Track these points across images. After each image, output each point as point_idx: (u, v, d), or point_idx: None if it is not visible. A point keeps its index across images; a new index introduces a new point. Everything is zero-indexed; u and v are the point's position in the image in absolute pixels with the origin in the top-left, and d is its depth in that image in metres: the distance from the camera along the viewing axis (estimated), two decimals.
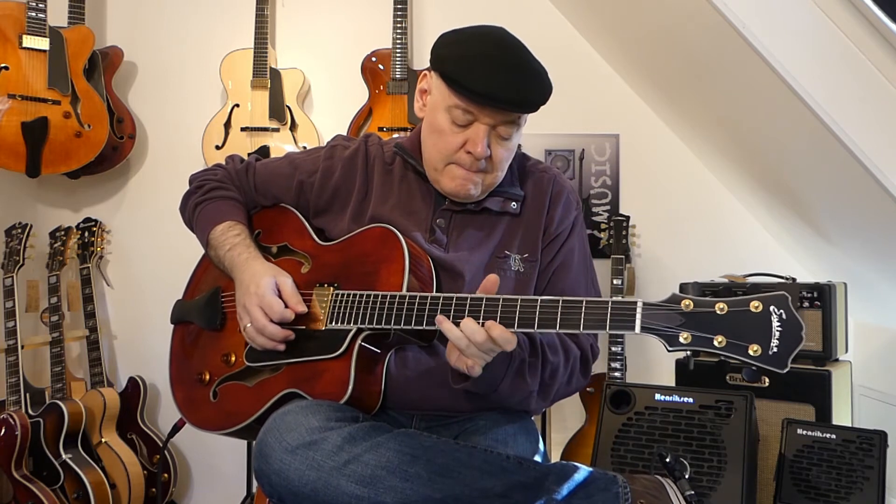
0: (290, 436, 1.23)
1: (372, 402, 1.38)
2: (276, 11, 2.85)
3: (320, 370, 1.36)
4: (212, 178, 1.62)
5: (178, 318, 1.60)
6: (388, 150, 1.55)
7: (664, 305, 1.11)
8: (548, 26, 2.76)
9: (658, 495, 1.34)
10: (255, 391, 1.42)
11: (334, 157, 1.56)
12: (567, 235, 1.51)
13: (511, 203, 1.48)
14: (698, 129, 2.63)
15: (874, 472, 1.74)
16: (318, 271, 1.46)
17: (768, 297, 1.07)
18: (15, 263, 2.51)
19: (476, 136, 1.36)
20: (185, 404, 1.54)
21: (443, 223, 1.47)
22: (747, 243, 2.68)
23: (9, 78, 2.49)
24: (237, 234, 1.52)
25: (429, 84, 1.44)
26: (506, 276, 1.44)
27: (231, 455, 2.70)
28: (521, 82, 1.34)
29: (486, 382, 1.31)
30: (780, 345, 1.04)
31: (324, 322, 1.37)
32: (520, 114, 1.38)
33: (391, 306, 1.30)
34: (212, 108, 2.75)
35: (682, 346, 1.08)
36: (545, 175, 1.54)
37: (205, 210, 1.58)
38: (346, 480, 1.20)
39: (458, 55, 1.35)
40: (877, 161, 1.70)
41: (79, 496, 2.35)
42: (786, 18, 1.72)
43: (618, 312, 1.13)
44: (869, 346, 2.35)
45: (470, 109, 1.35)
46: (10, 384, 2.41)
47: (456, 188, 1.42)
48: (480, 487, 1.22)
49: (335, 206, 1.53)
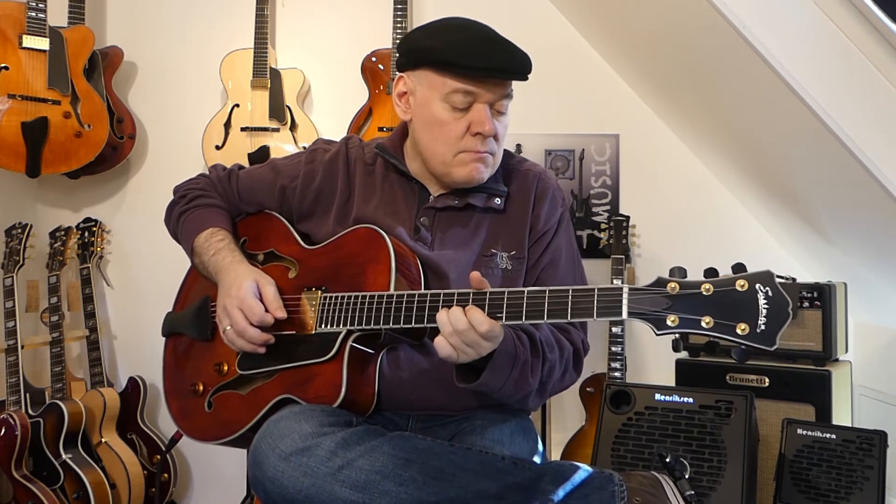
0: (284, 443, 1.23)
1: (366, 403, 1.37)
2: (276, 11, 2.85)
3: (313, 374, 1.35)
4: (194, 186, 1.63)
5: (170, 331, 1.60)
6: (369, 151, 1.56)
7: (650, 290, 1.10)
8: (548, 26, 2.76)
9: (654, 492, 1.34)
10: (249, 399, 1.42)
11: (315, 160, 1.56)
12: (554, 233, 1.51)
13: (495, 199, 1.48)
14: (698, 129, 2.63)
15: (874, 472, 1.74)
16: (306, 276, 1.46)
17: (753, 275, 1.06)
18: (15, 263, 2.51)
19: (480, 115, 1.38)
20: (181, 416, 1.53)
21: (426, 221, 1.47)
22: (747, 243, 2.68)
23: (9, 78, 2.48)
24: (221, 239, 1.52)
25: (409, 85, 1.45)
26: (493, 275, 1.44)
27: (231, 455, 2.69)
28: (510, 52, 1.38)
29: (491, 382, 1.31)
30: (768, 322, 1.04)
31: (314, 326, 1.37)
32: (516, 80, 1.41)
33: (380, 306, 1.30)
34: (212, 108, 2.75)
35: (671, 330, 1.07)
36: (529, 173, 1.54)
37: (188, 219, 1.58)
38: (341, 486, 1.20)
39: (447, 42, 1.38)
40: (877, 161, 1.70)
41: (79, 496, 2.35)
42: (786, 18, 1.72)
43: (604, 299, 1.13)
44: (869, 346, 2.35)
45: (470, 90, 1.37)
46: (10, 384, 2.41)
47: (470, 173, 1.42)
48: (476, 490, 1.22)
49: (318, 210, 1.54)
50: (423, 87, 1.41)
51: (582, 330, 1.49)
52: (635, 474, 1.37)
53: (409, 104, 1.46)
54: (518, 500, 1.23)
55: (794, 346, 2.10)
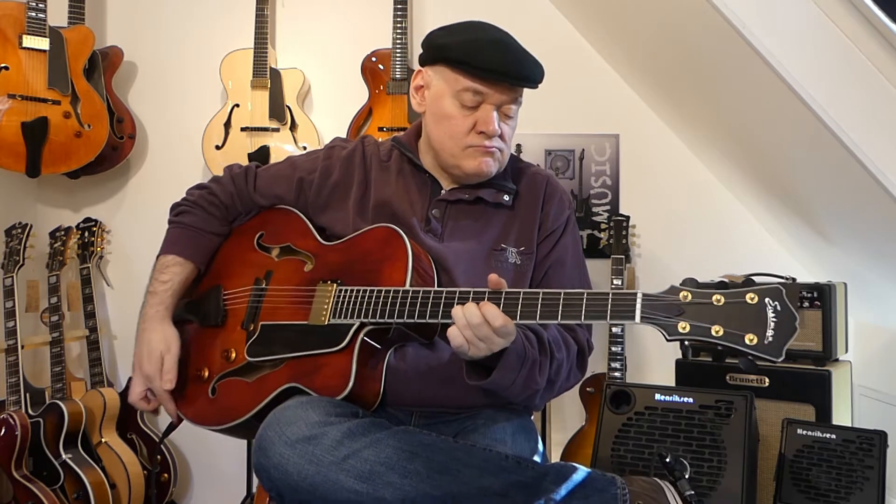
0: (290, 430, 1.24)
1: (371, 398, 1.38)
2: (276, 11, 2.85)
3: (321, 364, 1.36)
4: (189, 198, 1.67)
5: (178, 317, 1.61)
6: (384, 148, 1.62)
7: (663, 297, 1.14)
8: (548, 26, 2.76)
9: (656, 497, 1.34)
10: (254, 386, 1.43)
11: (332, 157, 1.61)
12: (562, 232, 1.56)
13: (503, 195, 1.53)
14: (698, 129, 2.63)
15: (874, 472, 1.74)
16: (322, 270, 1.48)
17: (763, 289, 1.10)
18: (15, 263, 2.51)
19: (486, 115, 1.44)
20: (183, 400, 1.54)
21: (438, 213, 1.51)
22: (747, 243, 2.68)
23: (9, 78, 2.48)
24: (165, 280, 1.58)
25: (425, 79, 1.51)
26: (504, 269, 1.47)
27: (231, 455, 2.70)
28: (524, 60, 1.44)
29: (501, 381, 1.32)
30: (776, 334, 1.08)
31: (326, 317, 1.38)
32: (526, 88, 1.46)
33: (394, 301, 1.32)
34: (212, 108, 2.75)
35: (681, 336, 1.11)
36: (538, 175, 1.60)
37: (168, 233, 1.64)
38: (346, 475, 1.21)
39: (463, 41, 1.43)
40: (877, 161, 1.70)
41: (79, 496, 2.35)
42: (786, 18, 1.72)
43: (618, 303, 1.16)
44: (869, 346, 2.35)
45: (480, 90, 1.42)
46: (10, 384, 2.41)
47: (479, 165, 1.47)
48: (479, 486, 1.23)
49: (334, 202, 1.57)
50: (439, 81, 1.48)
51: (587, 329, 1.52)
52: (638, 479, 1.38)
53: (423, 97, 1.52)
54: (521, 498, 1.24)
55: (794, 346, 2.07)
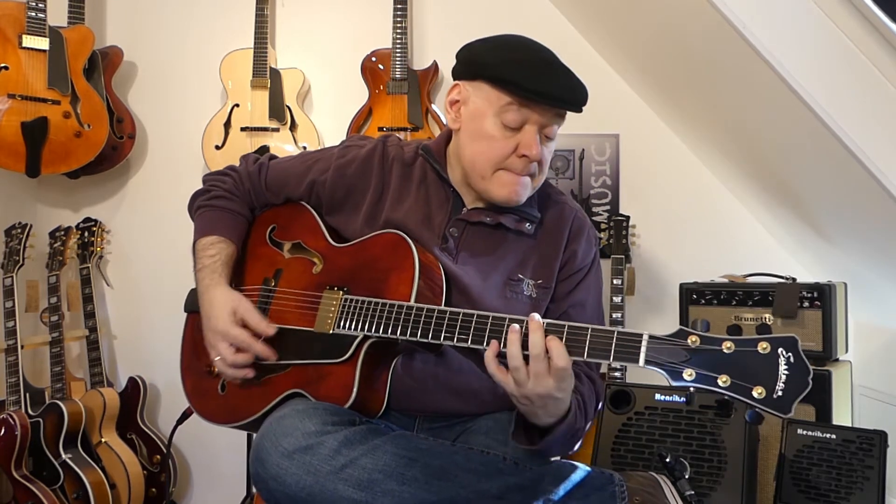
0: (287, 440, 1.23)
1: (376, 407, 1.37)
2: (276, 11, 2.85)
3: (325, 373, 1.36)
4: (221, 184, 1.61)
5: (192, 307, 1.59)
6: (409, 150, 1.53)
7: (670, 340, 1.10)
8: (548, 26, 2.75)
9: (654, 492, 1.35)
10: (261, 388, 1.43)
11: (347, 155, 1.53)
12: (586, 273, 1.50)
13: (526, 224, 1.46)
14: (698, 129, 2.63)
15: (874, 472, 1.74)
16: (329, 273, 1.46)
17: (777, 339, 1.06)
18: (15, 263, 2.51)
19: (529, 138, 1.36)
20: (194, 393, 1.55)
21: (455, 232, 1.45)
22: (747, 243, 2.68)
23: (9, 78, 2.48)
24: (213, 254, 1.52)
25: (463, 94, 1.42)
26: (519, 300, 1.43)
27: (231, 455, 2.70)
28: (571, 82, 1.37)
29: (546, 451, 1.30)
30: (786, 388, 1.03)
31: (332, 326, 1.37)
32: (571, 111, 1.40)
33: (398, 316, 1.29)
34: (212, 108, 2.75)
35: (686, 383, 1.07)
36: (566, 206, 1.52)
37: (202, 217, 1.59)
38: (344, 485, 1.20)
39: (508, 59, 1.36)
40: (877, 161, 1.70)
41: (79, 496, 2.35)
42: (786, 18, 1.72)
43: (623, 343, 1.12)
44: (869, 346, 2.35)
45: (526, 111, 1.35)
46: (10, 384, 2.41)
47: (509, 194, 1.40)
48: (477, 490, 1.22)
49: (347, 206, 1.51)
50: (478, 99, 1.39)
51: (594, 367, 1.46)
52: (635, 474, 1.38)
53: (459, 113, 1.43)
54: (519, 500, 1.23)
55: None
